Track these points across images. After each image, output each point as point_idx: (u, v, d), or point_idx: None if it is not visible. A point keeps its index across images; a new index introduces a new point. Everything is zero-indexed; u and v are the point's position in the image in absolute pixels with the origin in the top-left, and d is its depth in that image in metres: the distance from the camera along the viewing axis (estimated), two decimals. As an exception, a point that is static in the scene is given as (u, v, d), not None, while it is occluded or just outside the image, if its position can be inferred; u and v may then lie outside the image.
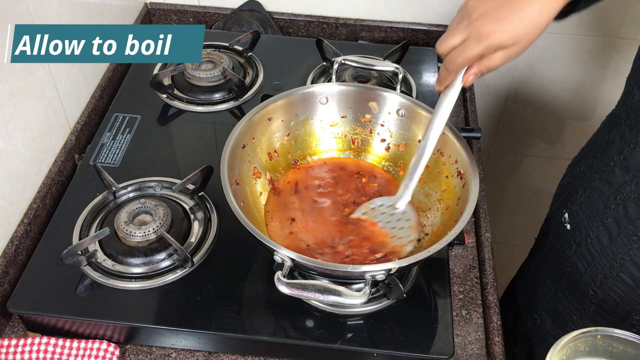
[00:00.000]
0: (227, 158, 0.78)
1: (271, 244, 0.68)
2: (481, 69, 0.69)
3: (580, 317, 0.84)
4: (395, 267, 0.67)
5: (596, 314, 0.81)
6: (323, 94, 0.90)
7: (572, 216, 0.83)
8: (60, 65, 0.95)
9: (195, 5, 1.30)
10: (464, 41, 0.67)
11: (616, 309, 0.78)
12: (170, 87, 1.09)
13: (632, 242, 0.73)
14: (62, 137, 0.98)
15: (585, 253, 0.79)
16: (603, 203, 0.77)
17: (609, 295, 0.78)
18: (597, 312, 0.81)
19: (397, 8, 1.26)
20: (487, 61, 0.68)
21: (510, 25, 0.64)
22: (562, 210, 0.85)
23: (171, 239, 0.80)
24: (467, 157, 0.79)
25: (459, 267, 0.90)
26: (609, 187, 0.76)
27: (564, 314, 0.86)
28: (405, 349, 0.75)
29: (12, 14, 0.82)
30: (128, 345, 0.79)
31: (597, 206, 0.78)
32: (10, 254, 0.82)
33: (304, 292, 0.67)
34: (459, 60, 0.68)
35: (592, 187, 0.80)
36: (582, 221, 0.80)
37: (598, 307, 0.81)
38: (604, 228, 0.76)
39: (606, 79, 1.33)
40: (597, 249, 0.78)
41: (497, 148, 1.51)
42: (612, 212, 0.75)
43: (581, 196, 0.81)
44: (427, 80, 1.15)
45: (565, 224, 0.84)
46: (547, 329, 0.90)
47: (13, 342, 0.76)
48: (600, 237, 0.77)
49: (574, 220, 0.82)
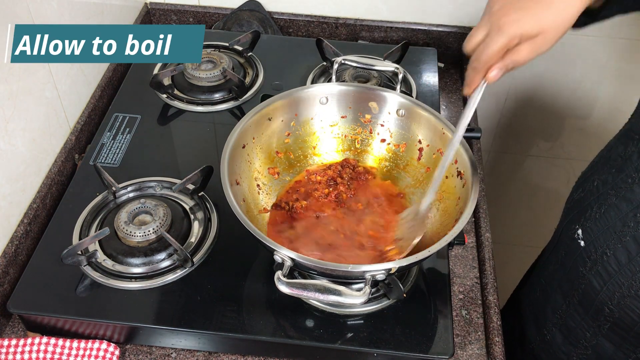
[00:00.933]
0: (227, 158, 0.78)
1: (271, 243, 0.68)
2: (506, 63, 0.64)
3: (594, 334, 0.81)
4: (395, 266, 0.67)
5: (611, 332, 0.78)
6: (323, 94, 0.90)
7: (586, 233, 0.79)
8: (60, 65, 0.95)
9: (195, 5, 1.30)
10: (487, 35, 0.64)
11: (634, 327, 0.75)
12: (170, 87, 1.09)
13: None
14: (62, 137, 0.98)
15: (602, 271, 0.76)
16: (621, 221, 0.74)
17: (627, 314, 0.75)
18: (612, 330, 0.78)
19: (397, 8, 1.26)
20: (513, 55, 0.64)
21: (533, 13, 0.61)
22: (575, 226, 0.82)
23: (171, 239, 0.80)
24: (467, 157, 0.79)
25: (459, 267, 0.90)
26: (628, 204, 0.73)
27: (577, 330, 0.83)
28: (405, 349, 0.75)
29: (12, 14, 0.82)
30: (128, 345, 0.79)
31: (614, 223, 0.75)
32: (10, 254, 0.82)
33: (304, 291, 0.67)
34: (483, 56, 0.64)
35: (609, 204, 0.76)
36: (597, 238, 0.77)
37: (614, 325, 0.78)
38: (622, 246, 0.73)
39: (606, 79, 1.33)
40: (614, 268, 0.75)
41: (497, 148, 1.51)
42: (632, 230, 0.72)
43: (596, 213, 0.78)
44: (427, 80, 1.15)
45: (579, 241, 0.80)
46: (557, 345, 0.87)
47: (13, 342, 0.76)
48: (618, 256, 0.74)
49: (589, 237, 0.79)
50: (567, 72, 1.34)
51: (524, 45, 0.63)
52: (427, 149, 0.88)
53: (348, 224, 0.84)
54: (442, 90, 1.21)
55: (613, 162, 0.79)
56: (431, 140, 0.87)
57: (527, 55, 0.64)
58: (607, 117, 1.40)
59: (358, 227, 0.84)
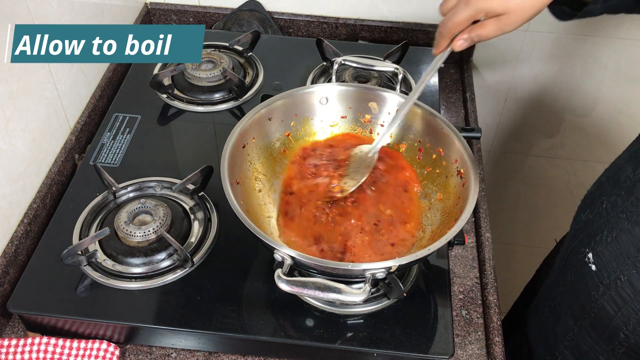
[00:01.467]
0: (227, 158, 0.78)
1: (271, 242, 0.68)
2: (472, 35, 0.69)
3: (608, 358, 0.80)
4: (396, 265, 0.67)
5: (626, 356, 0.77)
6: (323, 94, 0.90)
7: (597, 257, 0.78)
8: (60, 65, 0.95)
9: (195, 5, 1.30)
10: (455, 5, 0.68)
11: None
12: (170, 87, 1.09)
13: None
14: (62, 137, 0.98)
15: (615, 296, 0.75)
16: (635, 246, 0.73)
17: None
18: (627, 354, 0.77)
19: (397, 8, 1.26)
20: (478, 29, 0.68)
21: None
22: (585, 249, 0.81)
23: (171, 239, 0.80)
24: (467, 157, 0.79)
25: (459, 267, 0.90)
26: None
27: (589, 353, 0.82)
28: (405, 349, 0.74)
29: (12, 14, 0.82)
30: (128, 345, 0.79)
31: (627, 249, 0.74)
32: (10, 254, 0.82)
33: (304, 289, 0.67)
34: (449, 23, 0.69)
35: (620, 228, 0.75)
36: (609, 263, 0.76)
37: (629, 350, 0.76)
38: (637, 272, 0.72)
39: (606, 79, 1.33)
40: (629, 294, 0.73)
41: (497, 148, 1.51)
42: None
43: (607, 237, 0.77)
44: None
45: (590, 265, 0.79)
46: None
47: (13, 342, 0.76)
48: (633, 281, 0.73)
49: (600, 261, 0.77)
50: (567, 72, 1.34)
51: (490, 22, 0.67)
52: (427, 149, 0.88)
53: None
54: (442, 90, 1.21)
55: (622, 184, 0.78)
56: (431, 140, 0.87)
57: (491, 31, 0.67)
58: (607, 117, 1.40)
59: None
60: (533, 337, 0.95)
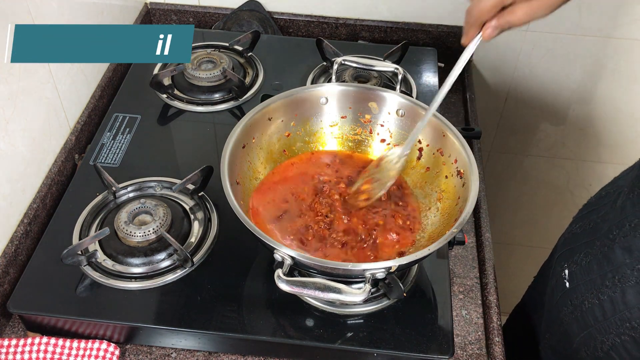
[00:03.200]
0: (227, 158, 0.78)
1: (271, 242, 0.68)
2: (501, 22, 0.64)
3: None
4: (395, 265, 0.67)
5: None
6: (323, 94, 0.90)
7: (571, 276, 0.79)
8: (60, 65, 0.95)
9: (195, 5, 1.30)
10: None
11: None
12: (170, 87, 1.09)
13: (625, 328, 0.69)
14: (62, 137, 0.98)
15: (580, 319, 0.76)
16: (601, 278, 0.73)
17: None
18: None
19: (397, 8, 1.26)
20: (507, 15, 0.63)
21: None
22: (564, 264, 0.82)
23: (171, 239, 0.80)
24: (467, 157, 0.79)
25: (459, 267, 0.90)
26: (608, 264, 0.72)
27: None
28: (405, 349, 0.74)
29: (12, 14, 0.82)
30: (128, 345, 0.79)
31: (594, 278, 0.74)
32: (10, 254, 0.82)
33: (304, 289, 0.67)
34: (475, 10, 0.64)
35: (593, 256, 0.76)
36: (579, 286, 0.77)
37: None
38: (599, 303, 0.72)
39: (606, 79, 1.33)
40: (591, 320, 0.74)
41: (497, 148, 1.51)
42: (609, 290, 0.71)
43: (582, 260, 0.78)
44: (427, 80, 1.15)
45: (564, 280, 0.80)
46: None
47: (13, 342, 0.76)
48: (595, 311, 0.73)
49: (573, 282, 0.79)
50: (567, 72, 1.34)
51: (520, 7, 0.62)
52: (427, 149, 0.88)
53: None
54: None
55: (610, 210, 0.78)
56: (431, 140, 0.87)
57: (522, 16, 0.62)
58: (607, 117, 1.40)
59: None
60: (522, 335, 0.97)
